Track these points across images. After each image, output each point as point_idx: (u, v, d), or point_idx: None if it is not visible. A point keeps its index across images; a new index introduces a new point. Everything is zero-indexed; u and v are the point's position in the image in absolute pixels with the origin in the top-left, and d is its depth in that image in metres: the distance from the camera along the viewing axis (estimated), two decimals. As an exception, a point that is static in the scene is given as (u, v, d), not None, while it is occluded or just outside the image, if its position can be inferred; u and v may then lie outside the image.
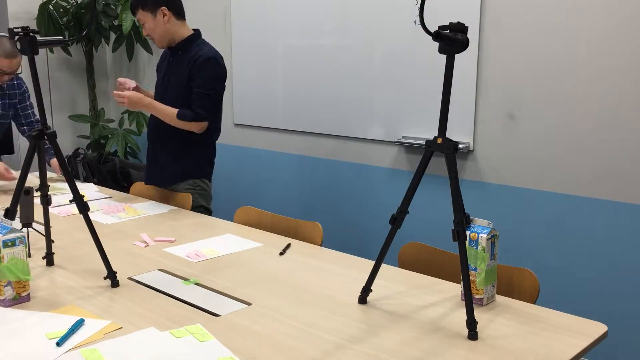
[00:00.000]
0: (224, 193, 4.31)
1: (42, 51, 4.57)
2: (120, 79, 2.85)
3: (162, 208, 2.69)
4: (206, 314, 1.61)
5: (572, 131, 2.75)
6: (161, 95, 2.86)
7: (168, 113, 2.73)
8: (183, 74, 2.76)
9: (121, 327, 1.52)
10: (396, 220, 1.60)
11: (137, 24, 4.33)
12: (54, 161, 3.07)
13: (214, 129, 2.86)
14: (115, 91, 2.68)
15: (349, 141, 3.57)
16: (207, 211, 2.90)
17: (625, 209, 2.64)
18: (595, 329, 1.53)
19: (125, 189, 3.12)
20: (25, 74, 2.79)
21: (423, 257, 2.04)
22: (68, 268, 1.95)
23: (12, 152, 4.24)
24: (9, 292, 1.64)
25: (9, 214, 1.74)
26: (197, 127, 2.74)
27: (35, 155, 1.82)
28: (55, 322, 1.55)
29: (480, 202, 3.06)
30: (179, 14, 2.79)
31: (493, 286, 1.69)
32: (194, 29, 2.85)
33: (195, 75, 2.73)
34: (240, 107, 4.13)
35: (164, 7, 2.73)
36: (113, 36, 4.63)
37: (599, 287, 2.74)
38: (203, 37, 2.87)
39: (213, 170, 2.97)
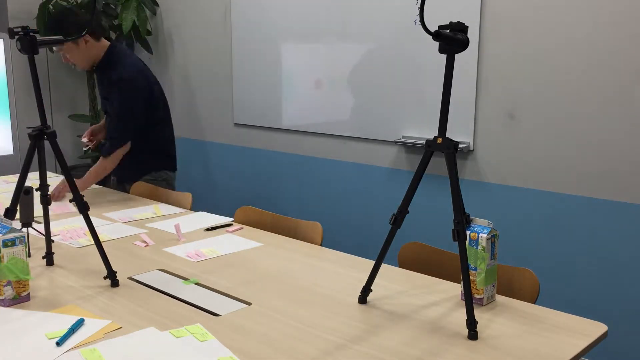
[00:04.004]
0: (224, 193, 4.31)
1: (42, 51, 4.57)
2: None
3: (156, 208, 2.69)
4: (206, 313, 1.61)
5: (572, 131, 2.75)
6: (105, 112, 3.03)
7: (97, 169, 2.85)
8: (105, 92, 2.93)
9: (121, 327, 1.52)
10: (396, 220, 1.60)
11: (137, 24, 4.33)
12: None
13: (162, 124, 3.02)
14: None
15: (349, 141, 3.57)
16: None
17: (625, 209, 2.64)
18: (595, 329, 1.53)
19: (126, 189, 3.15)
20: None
21: (423, 257, 2.04)
22: (68, 268, 1.95)
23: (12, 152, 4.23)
24: (9, 292, 1.64)
25: (9, 213, 1.74)
26: (122, 152, 2.87)
27: (36, 155, 1.82)
28: (55, 322, 1.55)
29: (480, 202, 3.06)
30: (98, 36, 2.86)
31: (493, 286, 1.69)
32: (110, 41, 2.93)
33: (110, 96, 2.87)
34: (240, 107, 4.13)
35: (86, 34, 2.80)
36: (113, 36, 4.62)
37: (599, 287, 2.74)
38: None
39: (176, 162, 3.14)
